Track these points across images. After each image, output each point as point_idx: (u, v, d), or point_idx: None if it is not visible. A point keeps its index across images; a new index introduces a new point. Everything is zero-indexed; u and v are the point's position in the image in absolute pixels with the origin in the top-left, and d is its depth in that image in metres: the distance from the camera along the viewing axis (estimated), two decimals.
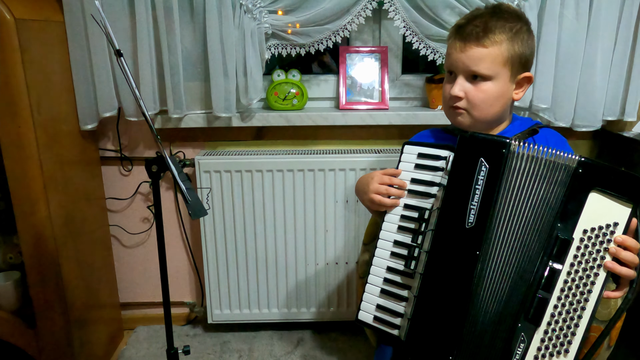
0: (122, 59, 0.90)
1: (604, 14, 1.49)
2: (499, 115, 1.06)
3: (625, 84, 1.58)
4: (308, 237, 1.72)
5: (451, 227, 0.90)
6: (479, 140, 0.89)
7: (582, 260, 0.84)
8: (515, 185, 0.87)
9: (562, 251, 0.84)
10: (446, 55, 1.07)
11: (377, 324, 1.01)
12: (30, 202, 1.35)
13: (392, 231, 1.01)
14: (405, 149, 1.02)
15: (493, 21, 0.99)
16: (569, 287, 0.84)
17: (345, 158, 1.66)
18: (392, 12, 1.56)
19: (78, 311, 1.53)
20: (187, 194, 0.94)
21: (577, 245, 0.84)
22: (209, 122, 1.68)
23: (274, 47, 1.62)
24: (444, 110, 1.11)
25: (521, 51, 1.01)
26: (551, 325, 0.85)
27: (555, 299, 0.85)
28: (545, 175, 0.86)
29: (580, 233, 0.84)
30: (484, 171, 0.88)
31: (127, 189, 1.80)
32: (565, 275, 0.85)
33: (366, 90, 1.75)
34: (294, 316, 1.81)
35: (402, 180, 1.01)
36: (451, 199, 0.91)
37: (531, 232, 0.87)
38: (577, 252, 0.84)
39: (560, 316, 0.85)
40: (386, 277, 1.00)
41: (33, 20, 1.33)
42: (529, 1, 1.49)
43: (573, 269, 0.84)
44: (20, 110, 1.29)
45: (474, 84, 1.01)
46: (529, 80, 1.05)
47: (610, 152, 1.69)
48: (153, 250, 1.88)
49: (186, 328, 1.93)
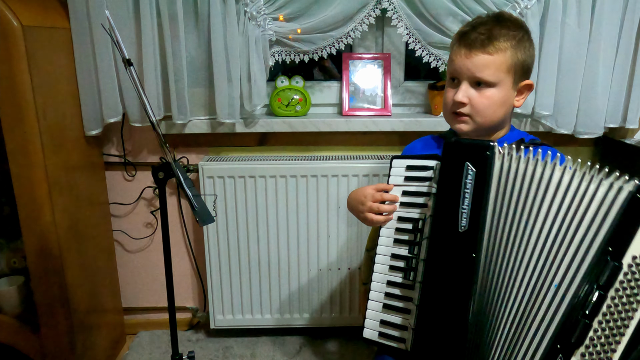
0: (131, 68, 0.91)
1: (605, 22, 1.50)
2: (500, 121, 1.07)
3: (627, 92, 1.59)
4: (310, 243, 1.73)
5: (445, 233, 0.91)
6: (463, 146, 0.90)
7: (627, 287, 0.81)
8: (532, 190, 0.85)
9: (612, 277, 0.80)
10: (449, 62, 1.08)
11: (383, 339, 1.00)
12: (35, 207, 1.36)
13: (389, 245, 1.01)
14: (394, 164, 1.03)
15: (497, 29, 1.00)
16: (611, 312, 0.81)
17: (348, 164, 1.67)
18: (395, 19, 1.57)
19: (81, 316, 1.54)
20: (194, 201, 0.94)
21: (625, 272, 0.81)
22: (212, 128, 1.69)
23: (277, 54, 1.63)
24: (445, 116, 1.11)
25: (523, 59, 1.02)
26: (589, 348, 0.82)
27: (596, 323, 0.81)
28: (590, 192, 0.82)
29: (629, 259, 0.80)
30: (471, 175, 0.88)
31: (131, 194, 1.81)
32: (609, 300, 0.81)
33: (369, 97, 1.76)
34: (296, 322, 1.82)
35: (393, 195, 1.01)
36: (442, 205, 0.91)
37: (564, 247, 0.83)
38: (624, 277, 0.81)
39: (599, 340, 0.81)
40: (387, 292, 1.00)
41: (40, 27, 1.34)
42: (531, 9, 1.50)
43: (617, 294, 0.81)
44: (26, 116, 1.29)
45: (477, 90, 1.02)
46: (529, 88, 1.07)
47: (612, 159, 1.69)
48: (156, 255, 1.89)
49: (188, 333, 1.93)
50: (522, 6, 1.51)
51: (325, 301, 1.79)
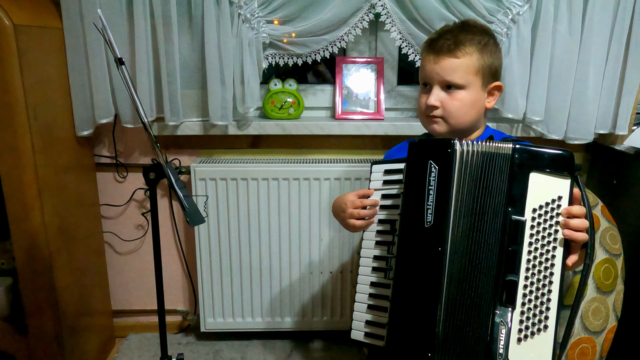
0: (123, 67, 0.91)
1: (596, 29, 1.52)
2: (473, 122, 1.12)
3: (616, 98, 1.61)
4: (302, 246, 1.72)
5: (412, 229, 0.94)
6: (425, 144, 0.95)
7: (538, 238, 0.88)
8: (472, 180, 0.92)
9: (516, 232, 0.88)
10: (420, 68, 1.14)
11: (368, 339, 1.02)
12: (25, 207, 1.35)
13: (371, 247, 1.05)
14: (373, 169, 1.08)
15: (463, 35, 1.06)
16: (533, 265, 0.88)
17: (340, 167, 1.67)
18: (388, 24, 1.58)
19: (70, 318, 1.52)
20: (184, 201, 0.94)
21: (531, 225, 0.89)
22: (205, 130, 1.68)
23: (271, 57, 1.63)
24: (421, 120, 1.17)
25: (490, 62, 1.08)
26: (525, 304, 0.88)
27: (523, 279, 0.88)
28: (491, 166, 0.91)
29: (530, 212, 0.89)
30: (434, 172, 0.92)
31: (122, 195, 1.80)
32: (526, 254, 0.88)
33: (362, 101, 1.77)
34: (287, 325, 1.81)
35: (373, 200, 1.06)
36: (409, 203, 0.95)
37: (488, 221, 0.91)
38: (532, 230, 0.88)
39: (532, 294, 0.88)
40: (371, 293, 1.03)
41: (32, 26, 1.33)
42: (522, 15, 1.52)
43: (532, 247, 0.88)
44: (17, 116, 1.28)
45: (448, 93, 1.08)
46: (499, 89, 1.13)
47: (602, 165, 1.71)
48: (146, 257, 1.87)
49: (178, 336, 1.92)
50: (514, 12, 1.52)
51: (316, 304, 1.79)
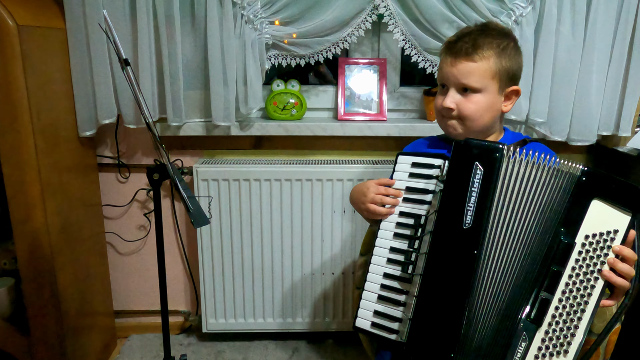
0: (128, 68, 0.90)
1: (599, 31, 1.52)
2: (488, 125, 1.11)
3: (619, 100, 1.61)
4: (305, 247, 1.72)
5: (449, 229, 0.93)
6: (473, 146, 0.93)
7: (583, 265, 0.88)
8: (516, 189, 0.91)
9: (564, 254, 0.88)
10: (438, 70, 1.14)
11: (375, 329, 1.02)
12: (27, 208, 1.35)
13: (389, 238, 1.04)
14: (400, 159, 1.07)
15: (481, 38, 1.05)
16: (570, 289, 0.88)
17: (342, 168, 1.67)
18: (391, 25, 1.58)
19: (72, 319, 1.52)
20: (189, 202, 0.94)
21: (579, 250, 0.88)
22: (207, 131, 1.68)
23: (274, 58, 1.63)
24: (437, 121, 1.17)
25: (508, 66, 1.07)
26: (552, 326, 0.88)
27: (556, 301, 0.88)
28: (549, 182, 0.90)
29: (582, 238, 0.88)
30: (479, 174, 0.91)
31: (124, 196, 1.80)
32: (566, 278, 0.88)
33: (364, 102, 1.77)
34: (289, 326, 1.81)
35: (397, 190, 1.05)
36: (448, 201, 0.94)
37: (534, 235, 0.90)
38: (579, 256, 0.88)
39: (561, 317, 0.87)
40: (383, 283, 1.02)
41: (35, 27, 1.33)
42: (526, 17, 1.52)
43: (574, 272, 0.88)
44: (20, 116, 1.28)
45: (464, 96, 1.07)
46: (517, 93, 1.11)
47: (605, 166, 1.71)
48: (148, 258, 1.87)
49: (180, 337, 1.92)
50: (517, 14, 1.52)
51: (318, 305, 1.79)
